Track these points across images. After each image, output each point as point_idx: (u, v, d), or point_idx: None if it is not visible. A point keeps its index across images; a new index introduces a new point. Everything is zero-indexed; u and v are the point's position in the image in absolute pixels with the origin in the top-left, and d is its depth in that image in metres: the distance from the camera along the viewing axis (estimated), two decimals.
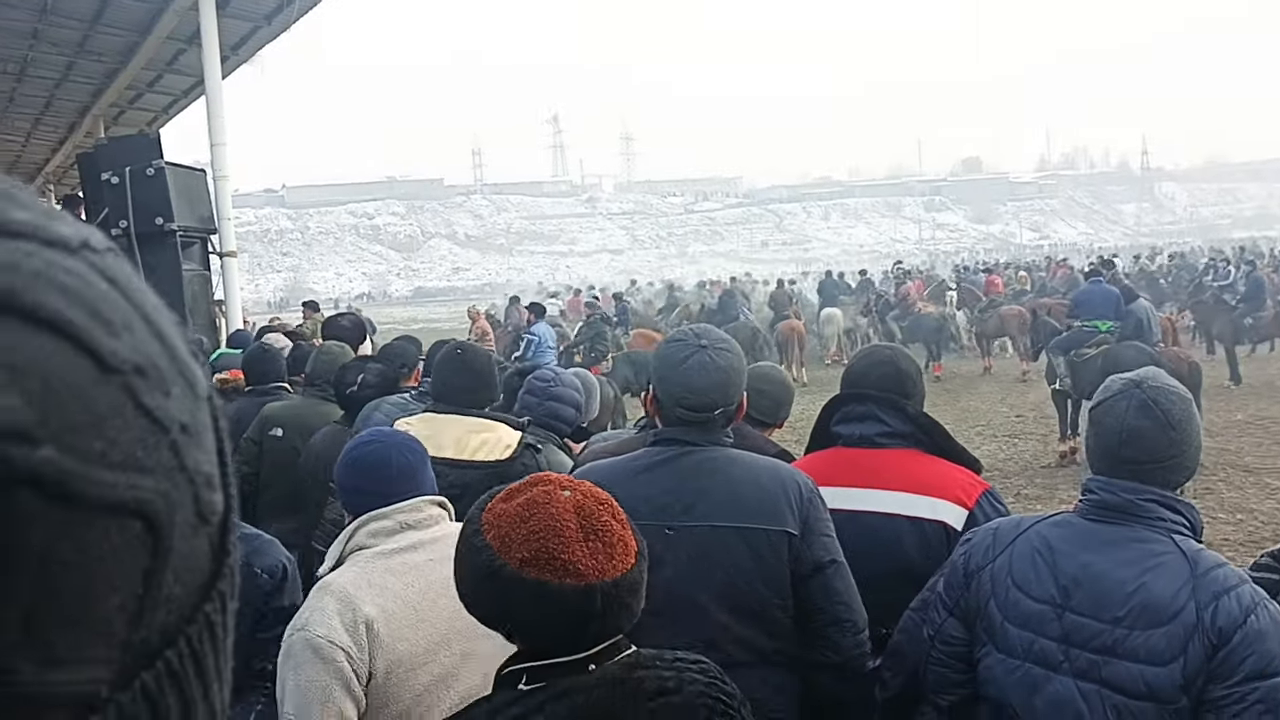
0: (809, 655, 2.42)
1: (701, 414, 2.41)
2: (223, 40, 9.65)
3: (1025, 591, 2.15)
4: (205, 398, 0.40)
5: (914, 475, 2.65)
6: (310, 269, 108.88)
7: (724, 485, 2.38)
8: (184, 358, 0.39)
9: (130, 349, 0.35)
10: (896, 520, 2.58)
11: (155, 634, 0.37)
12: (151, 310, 0.38)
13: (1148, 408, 2.10)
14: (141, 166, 8.28)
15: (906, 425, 2.73)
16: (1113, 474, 2.14)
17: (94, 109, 13.72)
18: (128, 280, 0.38)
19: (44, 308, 0.33)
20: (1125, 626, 2.02)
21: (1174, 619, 1.98)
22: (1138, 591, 2.02)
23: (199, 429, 0.39)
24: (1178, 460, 2.12)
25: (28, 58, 11.88)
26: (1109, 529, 2.12)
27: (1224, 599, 1.97)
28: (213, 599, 0.40)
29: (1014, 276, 27.15)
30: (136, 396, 0.35)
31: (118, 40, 11.27)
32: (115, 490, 0.34)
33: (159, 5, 10.05)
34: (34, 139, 16.79)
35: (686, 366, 2.39)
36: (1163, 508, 2.10)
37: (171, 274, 8.38)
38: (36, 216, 0.36)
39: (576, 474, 2.68)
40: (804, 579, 2.36)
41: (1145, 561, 2.05)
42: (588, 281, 45.12)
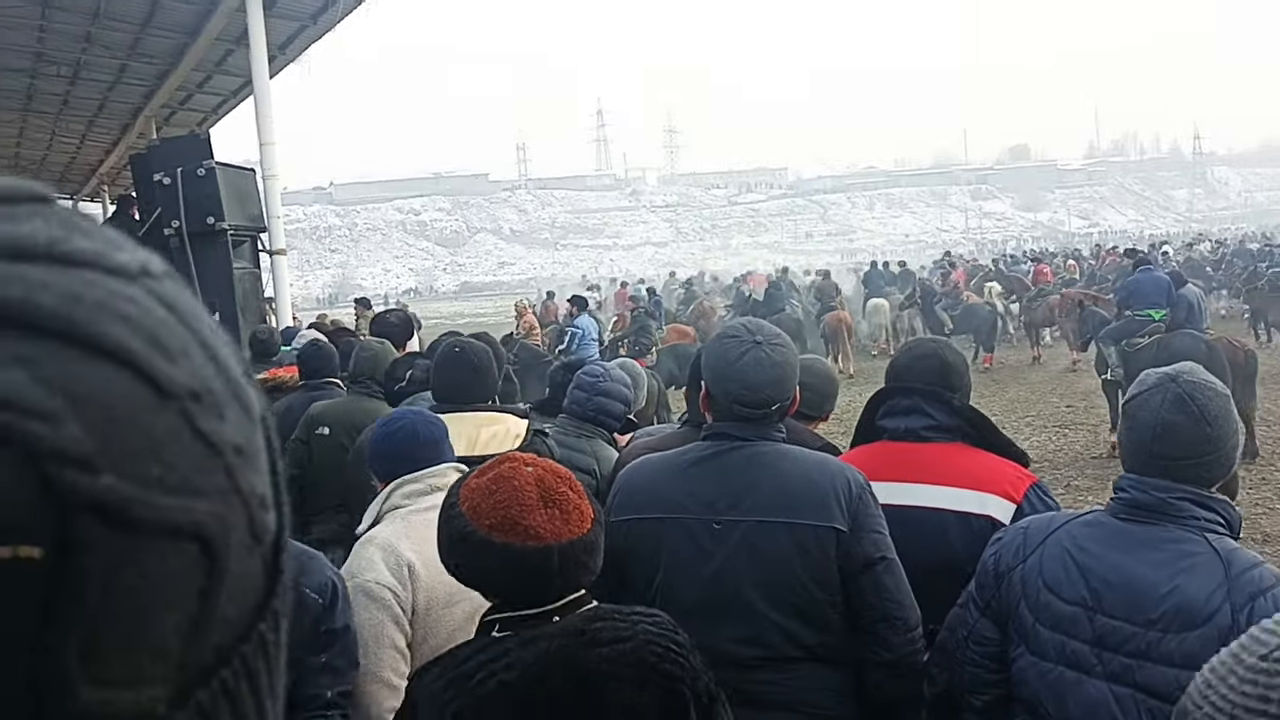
0: (861, 653, 2.41)
1: (758, 410, 2.41)
2: (270, 40, 9.74)
3: (1056, 593, 2.11)
4: (259, 419, 0.41)
5: (961, 469, 2.63)
6: (358, 265, 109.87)
7: (773, 480, 2.37)
8: (238, 380, 0.40)
9: (187, 374, 0.37)
10: (943, 515, 2.56)
11: (210, 653, 0.38)
12: (208, 334, 0.39)
13: (1183, 402, 2.04)
14: (193, 167, 8.40)
15: (952, 418, 2.71)
16: (1146, 471, 2.08)
17: (146, 110, 13.93)
18: (185, 306, 0.39)
19: (106, 338, 0.34)
20: (1159, 630, 1.98)
21: (1208, 621, 1.93)
22: (1171, 593, 1.97)
23: (253, 450, 0.40)
24: (1213, 457, 2.05)
25: (81, 60, 12.10)
26: (1141, 528, 2.07)
27: (1260, 600, 1.91)
28: (266, 618, 0.41)
29: (1062, 265, 26.81)
30: (193, 421, 0.36)
31: (168, 42, 11.43)
32: (172, 514, 0.35)
33: (207, 7, 10.18)
34: (88, 140, 17.09)
35: (743, 363, 2.39)
36: (1196, 506, 2.04)
37: (223, 272, 8.51)
38: (98, 244, 0.37)
39: (626, 468, 2.71)
40: (854, 575, 2.35)
41: (1179, 562, 2.00)
42: (632, 275, 45.07)
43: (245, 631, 0.39)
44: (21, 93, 13.60)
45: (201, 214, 8.37)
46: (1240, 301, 21.24)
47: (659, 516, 2.44)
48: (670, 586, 2.42)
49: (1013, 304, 20.97)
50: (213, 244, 8.48)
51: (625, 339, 17.16)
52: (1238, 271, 22.89)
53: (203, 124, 15.03)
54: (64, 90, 13.44)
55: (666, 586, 2.43)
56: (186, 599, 0.36)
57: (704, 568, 2.38)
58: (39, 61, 12.13)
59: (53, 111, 14.68)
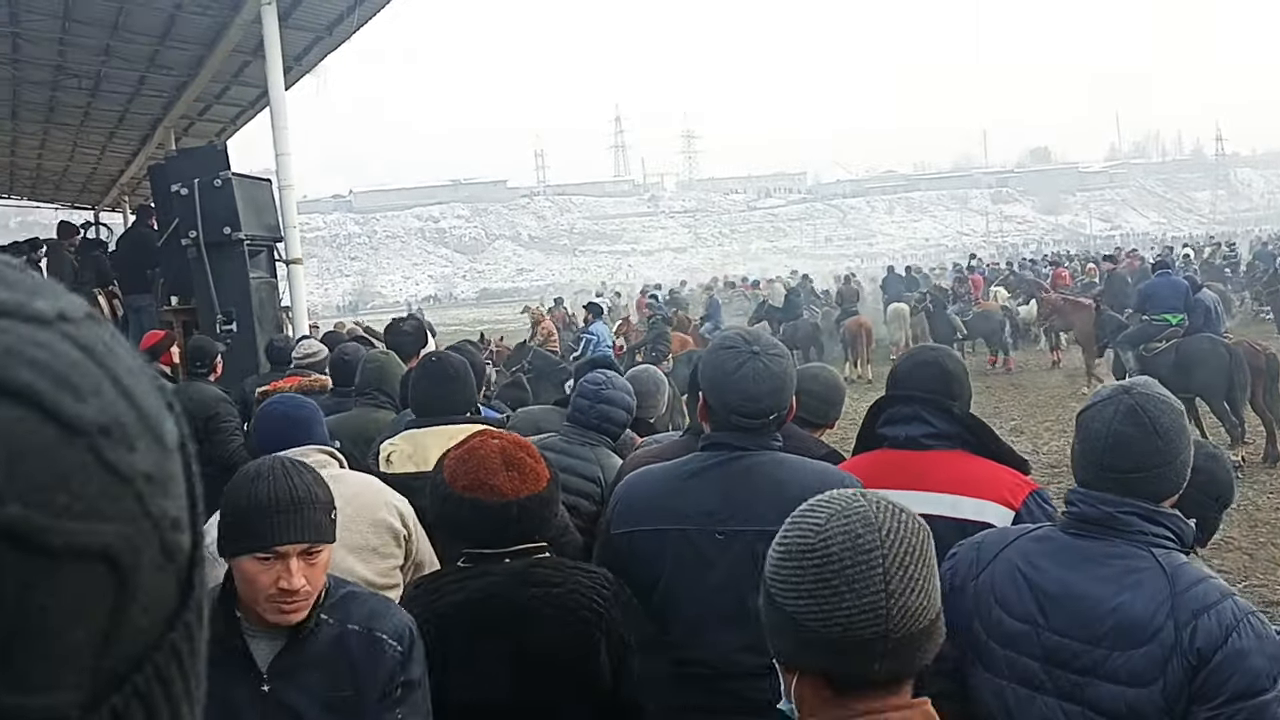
0: None
1: (756, 420, 2.43)
2: (285, 51, 9.83)
3: (1007, 610, 2.10)
4: (174, 448, 0.44)
5: (960, 476, 2.63)
6: (378, 273, 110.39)
7: (772, 489, 2.39)
8: (152, 414, 0.43)
9: (96, 411, 0.40)
10: (943, 522, 2.55)
11: (122, 662, 0.41)
12: (123, 373, 0.42)
13: (1135, 414, 2.02)
14: (209, 178, 8.47)
15: (953, 426, 2.72)
16: (1096, 483, 2.07)
17: (165, 121, 14.06)
18: (101, 347, 0.42)
19: (13, 381, 0.38)
20: (1105, 647, 1.96)
21: (1153, 639, 1.92)
22: (1116, 610, 1.96)
23: (164, 477, 0.43)
24: (1162, 471, 2.03)
25: (101, 73, 12.24)
26: (1089, 544, 2.06)
27: (1203, 618, 1.90)
28: (178, 628, 0.44)
29: (1080, 269, 26.62)
30: (101, 454, 0.39)
31: (186, 54, 11.56)
32: (80, 538, 0.38)
33: (224, 19, 10.29)
34: (109, 151, 17.27)
35: (741, 374, 2.40)
36: (1144, 520, 2.03)
37: (239, 282, 8.58)
38: (17, 294, 0.40)
39: (626, 479, 2.72)
40: None
41: (1124, 579, 1.99)
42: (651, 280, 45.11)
43: (157, 641, 0.43)
44: (43, 105, 13.77)
45: (218, 224, 8.44)
46: (1261, 304, 21.08)
47: (660, 528, 2.45)
48: (673, 596, 2.44)
49: (1020, 306, 20.87)
50: (229, 254, 8.55)
51: (643, 346, 17.18)
52: (1259, 274, 22.72)
53: (221, 134, 15.16)
54: (85, 102, 13.61)
55: (670, 596, 2.44)
56: (97, 613, 0.39)
57: (707, 577, 2.39)
58: (60, 74, 12.29)
59: (74, 123, 14.86)
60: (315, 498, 2.07)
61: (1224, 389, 10.17)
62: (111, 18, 10.39)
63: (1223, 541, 7.89)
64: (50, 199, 22.36)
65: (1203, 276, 17.46)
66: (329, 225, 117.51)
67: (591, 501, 3.76)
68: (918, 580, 1.34)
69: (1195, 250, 30.47)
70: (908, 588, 1.34)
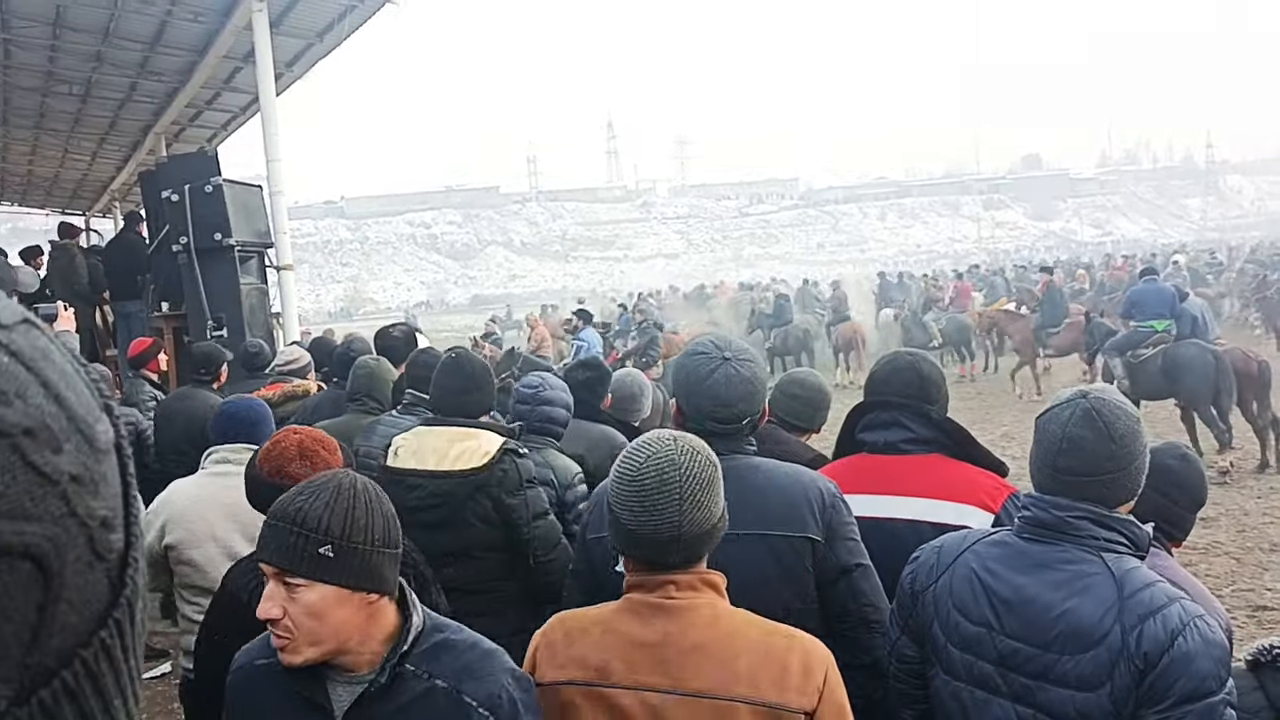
0: (840, 657, 2.45)
1: (729, 425, 2.46)
2: (277, 58, 9.85)
3: (964, 614, 2.14)
4: (107, 449, 0.45)
5: (939, 481, 2.66)
6: (370, 279, 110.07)
7: (747, 493, 2.41)
8: (82, 417, 0.44)
9: (20, 414, 0.41)
10: (922, 526, 2.58)
11: (51, 657, 0.42)
12: (55, 377, 0.43)
13: (1090, 418, 2.05)
14: (200, 184, 8.47)
15: (931, 431, 2.75)
16: (1050, 486, 2.10)
17: (156, 127, 14.06)
18: (32, 352, 0.43)
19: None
20: (1055, 651, 1.99)
21: (1100, 643, 1.95)
22: (1065, 615, 1.99)
23: (93, 478, 0.44)
24: (1116, 476, 2.05)
25: (92, 79, 12.24)
26: (1041, 549, 2.08)
27: (1149, 622, 1.92)
28: (109, 625, 0.45)
29: (1071, 275, 26.73)
30: (24, 455, 0.40)
31: (177, 60, 11.56)
32: (3, 537, 0.39)
33: (215, 25, 10.30)
34: (100, 158, 17.25)
35: (713, 379, 2.44)
36: (1095, 525, 2.05)
37: (230, 288, 8.57)
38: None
39: (604, 484, 2.74)
40: (831, 582, 2.39)
41: (1074, 583, 2.01)
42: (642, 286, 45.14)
43: (87, 638, 0.44)
44: (34, 111, 13.75)
45: (209, 230, 8.44)
46: (1251, 310, 21.16)
47: None
48: None
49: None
50: (220, 260, 8.55)
51: (634, 352, 17.20)
52: (1248, 280, 22.83)
53: (212, 140, 15.16)
54: (75, 109, 13.59)
55: None
56: (24, 610, 0.41)
57: None
58: (50, 81, 12.28)
59: (64, 130, 14.84)
60: (318, 525, 1.85)
61: (1210, 395, 10.23)
62: (102, 24, 10.39)
63: (1210, 546, 7.94)
64: (41, 205, 22.32)
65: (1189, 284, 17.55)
66: (320, 231, 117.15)
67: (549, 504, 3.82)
68: (704, 504, 1.96)
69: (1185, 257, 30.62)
70: (697, 508, 1.95)
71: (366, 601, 1.89)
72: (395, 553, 1.93)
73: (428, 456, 3.44)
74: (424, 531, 3.26)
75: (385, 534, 1.90)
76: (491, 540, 3.40)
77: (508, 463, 3.43)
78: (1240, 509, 9.02)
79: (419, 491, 3.40)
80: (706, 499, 1.97)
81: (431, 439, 3.50)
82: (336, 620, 1.87)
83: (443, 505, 3.39)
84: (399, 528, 1.97)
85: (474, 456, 3.43)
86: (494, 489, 3.39)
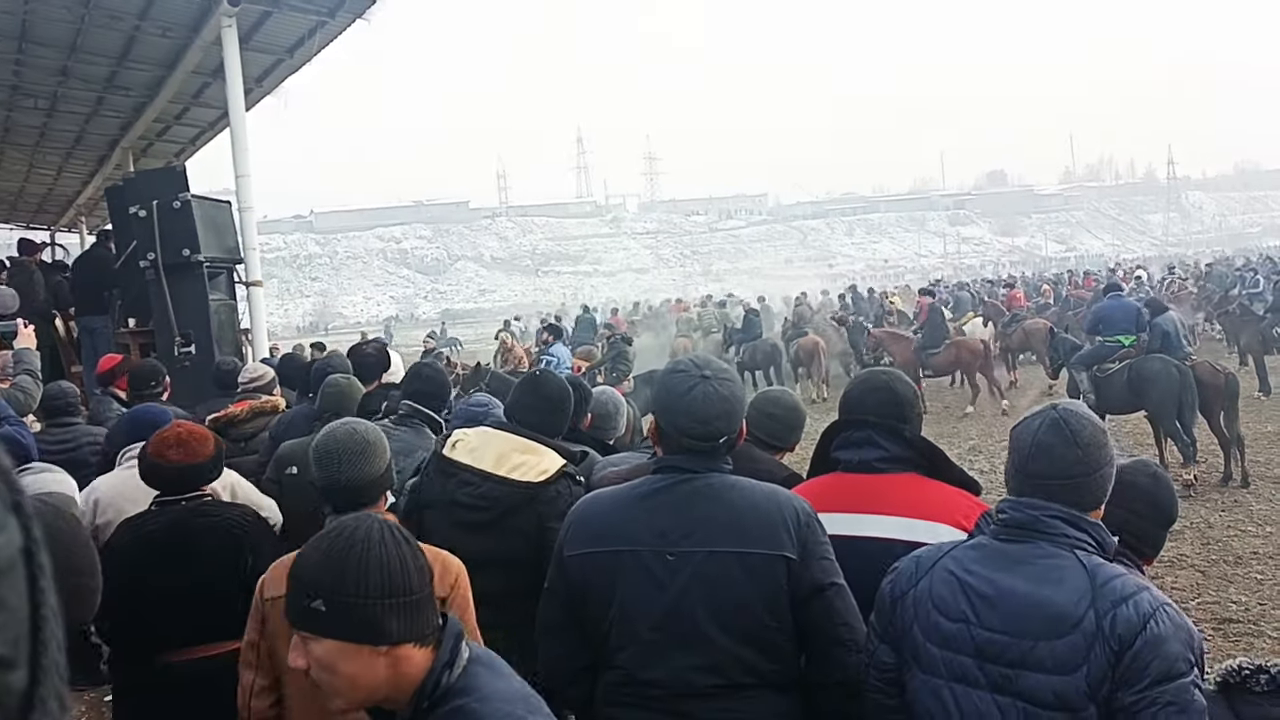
0: (814, 676, 2.46)
1: (707, 442, 2.47)
2: (246, 73, 9.81)
3: (942, 612, 2.21)
4: (8, 567, 0.39)
5: (913, 499, 2.69)
6: (339, 293, 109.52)
7: (723, 511, 2.42)
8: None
9: None
10: (895, 545, 2.60)
11: None
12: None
13: (1058, 426, 2.18)
14: (168, 200, 8.41)
15: (905, 450, 2.78)
16: (1022, 490, 2.21)
17: (123, 142, 13.97)
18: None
19: None
20: (1031, 638, 2.08)
21: (1075, 628, 2.04)
22: (1040, 603, 2.09)
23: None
24: (1082, 481, 2.16)
25: (57, 94, 12.14)
26: (1017, 547, 2.18)
27: (1122, 607, 2.02)
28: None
29: (1036, 291, 27.06)
30: None
31: (145, 75, 11.49)
32: None
33: (184, 40, 10.25)
34: (65, 172, 17.09)
35: (691, 397, 2.45)
36: (1067, 524, 2.15)
37: (198, 304, 8.51)
38: None
39: (581, 501, 2.75)
40: (805, 601, 2.40)
41: (1048, 575, 2.12)
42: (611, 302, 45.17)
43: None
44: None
45: (177, 246, 8.38)
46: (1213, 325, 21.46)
47: (614, 549, 2.48)
48: (627, 618, 2.46)
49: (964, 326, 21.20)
50: (188, 276, 8.49)
51: (602, 365, 17.20)
52: (1210, 295, 23.15)
53: (180, 155, 15.06)
54: (41, 123, 13.47)
55: (623, 618, 2.47)
56: None
57: (659, 599, 2.43)
58: (15, 94, 12.17)
59: (29, 144, 14.70)
60: (310, 579, 1.81)
61: (1175, 409, 10.36)
62: (69, 39, 10.32)
63: (1176, 559, 8.03)
64: (5, 219, 22.05)
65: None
66: (289, 245, 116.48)
67: None
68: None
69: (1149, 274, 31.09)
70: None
71: (378, 653, 1.79)
72: (404, 601, 1.81)
73: (487, 458, 3.43)
74: (463, 531, 3.30)
75: (388, 584, 1.80)
76: (526, 557, 3.34)
77: (563, 485, 3.40)
78: (1205, 522, 9.14)
79: (470, 489, 3.40)
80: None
81: (496, 443, 3.50)
82: (349, 672, 1.80)
83: (490, 509, 3.38)
84: (420, 571, 1.85)
85: (531, 471, 3.42)
86: (542, 508, 3.36)
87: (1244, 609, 6.96)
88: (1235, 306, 18.91)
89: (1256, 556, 8.09)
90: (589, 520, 2.57)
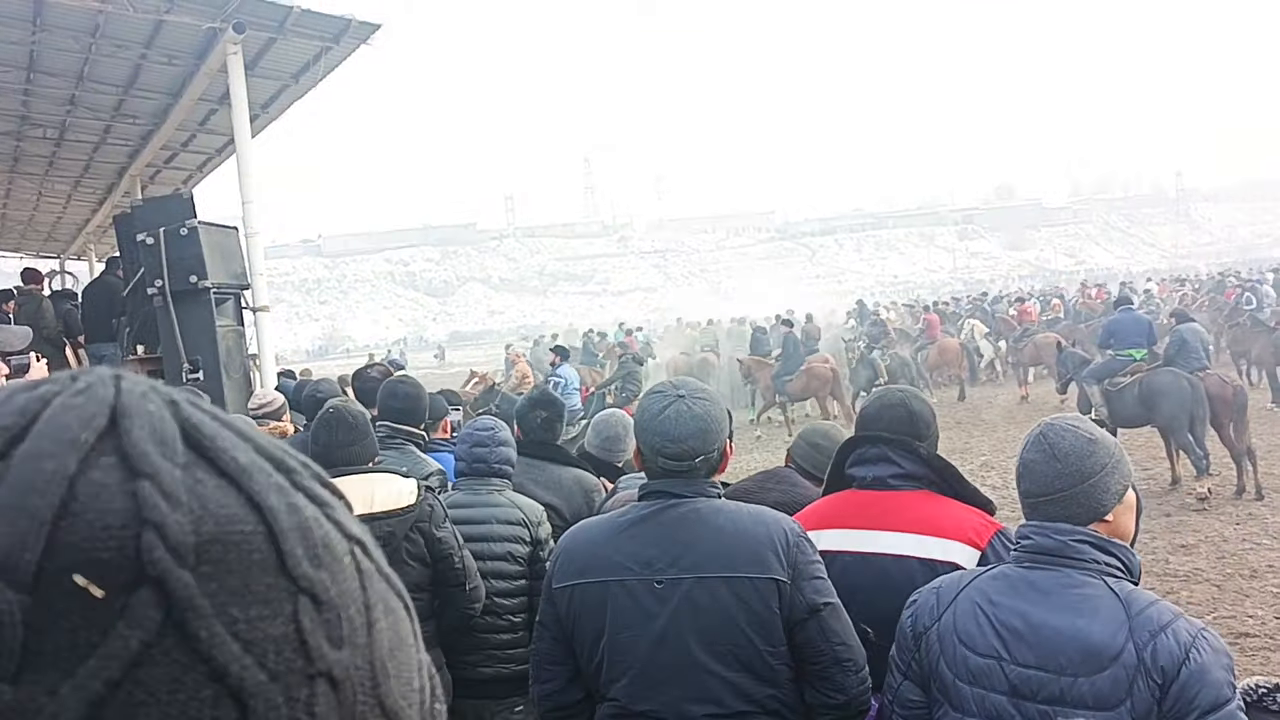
0: (813, 698, 2.42)
1: (682, 463, 2.43)
2: (252, 100, 9.84)
3: (970, 648, 2.15)
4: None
5: (926, 517, 2.66)
6: (348, 317, 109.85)
7: (710, 536, 2.39)
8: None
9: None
10: (908, 562, 2.58)
11: None
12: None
13: (1038, 442, 2.16)
14: (175, 226, 8.42)
15: (919, 467, 2.75)
16: (1031, 515, 2.18)
17: (131, 170, 14.02)
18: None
19: None
20: (1070, 674, 2.02)
21: (1115, 661, 1.98)
22: (1076, 637, 2.02)
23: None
24: (1069, 494, 2.12)
25: (66, 123, 12.21)
26: (1043, 575, 2.12)
27: (1161, 637, 1.97)
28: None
29: (1046, 305, 27.00)
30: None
31: (151, 103, 11.55)
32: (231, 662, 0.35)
33: (190, 68, 10.30)
34: (74, 201, 17.17)
35: (664, 416, 2.43)
36: (1096, 549, 2.10)
37: (206, 330, 8.51)
38: None
39: (568, 532, 2.72)
40: (800, 623, 2.36)
41: (1080, 606, 2.05)
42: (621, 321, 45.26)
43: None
44: (8, 155, 13.69)
45: (184, 273, 8.39)
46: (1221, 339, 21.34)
47: (602, 580, 2.44)
48: (617, 648, 2.42)
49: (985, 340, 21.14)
50: (196, 302, 8.49)
51: (612, 386, 17.20)
52: (1220, 307, 23.03)
53: (187, 182, 15.12)
54: (50, 152, 13.54)
55: (614, 649, 2.43)
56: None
57: (649, 628, 2.39)
58: (25, 124, 12.24)
59: (39, 173, 14.78)
60: None
61: (1186, 422, 10.31)
62: (76, 68, 10.38)
63: (1191, 573, 7.97)
64: (15, 248, 22.19)
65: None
66: (297, 269, 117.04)
67: (523, 544, 3.88)
68: None
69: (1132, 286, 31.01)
70: None
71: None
72: None
73: (355, 501, 3.43)
74: None
75: None
76: (420, 579, 3.56)
77: (431, 498, 3.65)
78: (1220, 535, 9.06)
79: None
80: None
81: (350, 487, 3.50)
82: None
83: (386, 544, 3.40)
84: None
85: (402, 496, 3.58)
86: (425, 524, 3.58)
87: (1260, 623, 6.89)
88: (1245, 318, 18.80)
89: (1272, 570, 8.01)
90: (575, 551, 2.54)
